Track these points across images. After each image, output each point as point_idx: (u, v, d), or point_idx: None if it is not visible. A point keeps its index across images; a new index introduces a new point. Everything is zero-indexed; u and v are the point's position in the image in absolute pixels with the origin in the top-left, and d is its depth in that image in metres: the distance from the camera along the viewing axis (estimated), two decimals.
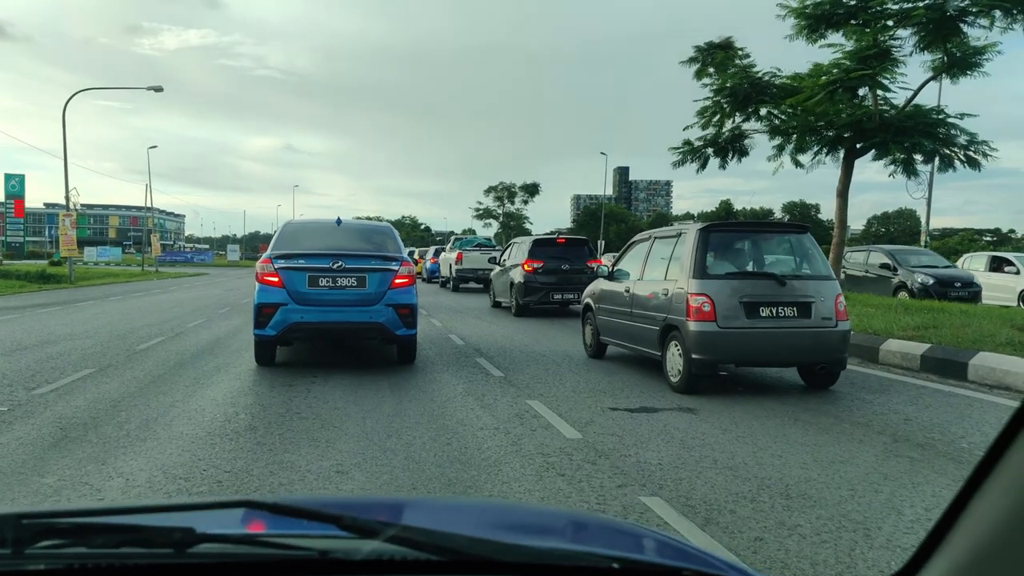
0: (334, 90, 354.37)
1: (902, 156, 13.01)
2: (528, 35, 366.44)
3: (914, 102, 12.92)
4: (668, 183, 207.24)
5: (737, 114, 13.60)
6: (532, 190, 73.95)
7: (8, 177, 75.91)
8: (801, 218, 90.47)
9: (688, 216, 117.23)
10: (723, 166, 14.65)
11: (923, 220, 29.21)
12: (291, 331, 7.51)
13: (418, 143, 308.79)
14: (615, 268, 8.48)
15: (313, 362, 8.31)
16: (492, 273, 18.06)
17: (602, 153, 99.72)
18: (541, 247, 15.19)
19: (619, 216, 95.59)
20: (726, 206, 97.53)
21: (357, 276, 7.55)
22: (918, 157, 13.13)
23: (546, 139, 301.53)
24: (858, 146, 13.34)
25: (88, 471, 4.16)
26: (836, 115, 13.00)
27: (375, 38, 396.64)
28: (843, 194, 13.81)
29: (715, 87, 13.71)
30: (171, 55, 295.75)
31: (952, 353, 7.59)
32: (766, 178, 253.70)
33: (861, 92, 12.77)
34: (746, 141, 14.57)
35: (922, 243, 29.14)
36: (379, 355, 8.93)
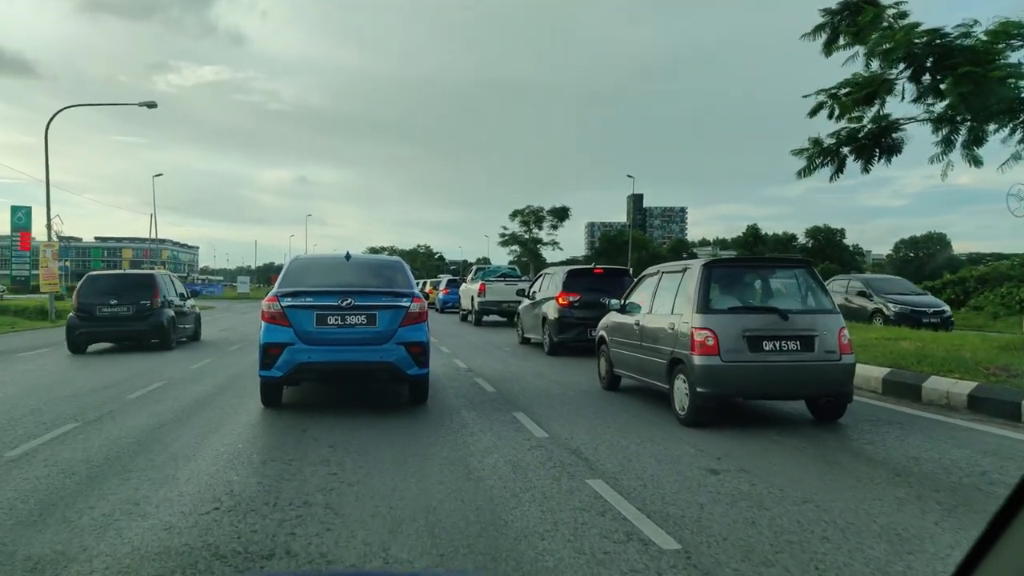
0: (347, 123, 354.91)
1: None
2: (537, 70, 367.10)
3: None
4: (683, 209, 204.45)
5: (915, 85, 9.80)
6: (561, 214, 69.09)
7: (15, 209, 73.74)
8: (825, 243, 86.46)
9: (704, 243, 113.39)
10: (866, 169, 10.97)
11: None
12: (298, 372, 7.28)
13: (430, 174, 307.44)
14: (626, 301, 8.54)
15: (317, 427, 5.25)
16: (520, 307, 16.18)
17: (629, 176, 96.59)
18: (577, 278, 13.58)
19: (640, 243, 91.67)
20: (753, 231, 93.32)
21: (367, 314, 7.27)
22: None
23: (557, 168, 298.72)
24: None
25: None
26: None
27: (388, 72, 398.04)
28: None
29: (877, 49, 9.91)
30: (187, 91, 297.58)
31: None
32: (780, 204, 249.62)
33: None
34: (895, 135, 10.84)
35: None
36: (398, 414, 6.57)
